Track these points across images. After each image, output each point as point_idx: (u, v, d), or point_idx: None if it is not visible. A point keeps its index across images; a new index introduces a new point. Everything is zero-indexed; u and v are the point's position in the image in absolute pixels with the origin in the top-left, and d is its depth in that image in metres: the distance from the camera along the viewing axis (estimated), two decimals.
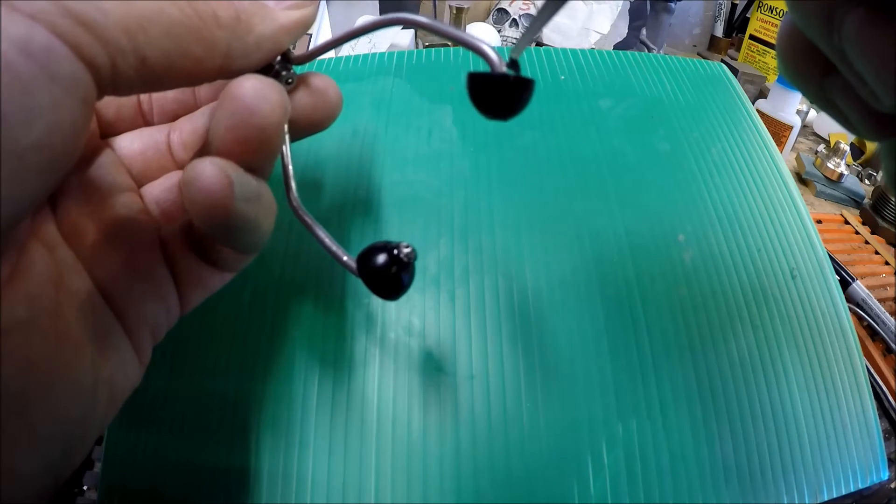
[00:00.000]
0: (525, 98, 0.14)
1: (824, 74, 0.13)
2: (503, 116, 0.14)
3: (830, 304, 0.26)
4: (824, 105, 0.13)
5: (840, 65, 0.12)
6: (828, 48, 0.11)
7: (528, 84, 0.14)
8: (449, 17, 0.63)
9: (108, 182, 0.15)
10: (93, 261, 0.14)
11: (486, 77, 0.13)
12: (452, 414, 0.21)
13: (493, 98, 0.14)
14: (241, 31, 0.13)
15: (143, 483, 0.20)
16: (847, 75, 0.12)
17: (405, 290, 0.15)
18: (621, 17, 0.68)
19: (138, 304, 0.15)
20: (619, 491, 0.20)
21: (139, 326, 0.15)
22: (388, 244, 0.15)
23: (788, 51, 0.13)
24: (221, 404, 0.21)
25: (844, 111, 0.13)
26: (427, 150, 0.27)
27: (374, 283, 0.15)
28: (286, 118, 0.14)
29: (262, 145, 0.13)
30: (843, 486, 0.22)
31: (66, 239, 0.14)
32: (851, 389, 0.24)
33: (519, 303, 0.23)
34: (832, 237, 0.47)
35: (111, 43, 0.11)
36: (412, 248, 0.15)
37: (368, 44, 0.51)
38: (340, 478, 0.20)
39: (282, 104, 0.13)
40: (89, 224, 0.14)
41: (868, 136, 0.13)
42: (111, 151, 0.16)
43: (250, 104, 0.13)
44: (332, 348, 0.22)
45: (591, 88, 0.31)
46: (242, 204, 0.13)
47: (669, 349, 0.23)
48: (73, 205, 0.14)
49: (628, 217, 0.26)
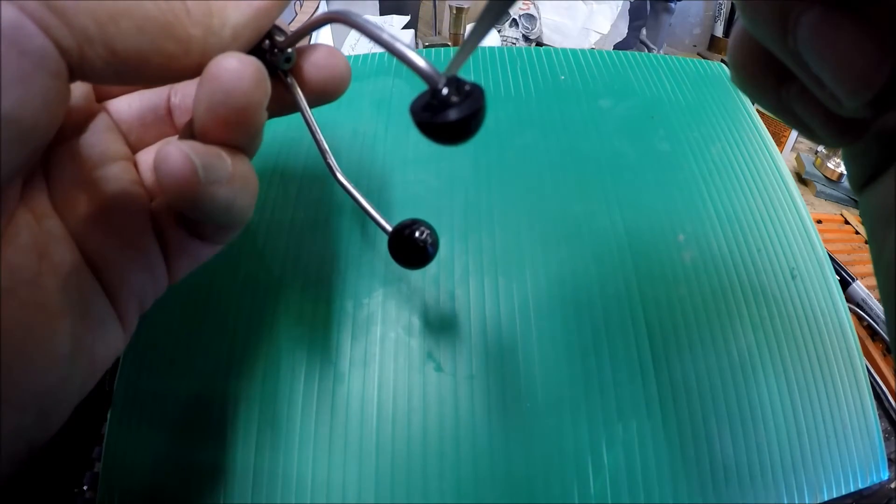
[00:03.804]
0: (475, 122, 0.12)
1: (780, 82, 0.12)
2: (455, 143, 0.12)
3: (830, 304, 0.26)
4: (782, 114, 0.13)
5: (797, 69, 0.11)
6: (783, 52, 0.11)
7: (476, 107, 0.12)
8: (449, 17, 0.63)
9: (100, 150, 0.15)
10: (82, 231, 0.14)
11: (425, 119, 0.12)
12: (452, 413, 0.21)
13: (439, 133, 0.12)
14: (216, 27, 0.13)
15: (143, 483, 0.20)
16: (804, 80, 0.11)
17: (430, 260, 0.18)
18: (621, 17, 0.68)
19: (126, 274, 0.15)
20: (619, 491, 0.20)
21: (126, 297, 0.15)
22: (422, 222, 0.18)
23: (742, 60, 0.13)
24: (220, 404, 0.21)
25: (804, 119, 0.12)
26: (427, 150, 0.27)
27: (405, 250, 0.17)
28: (266, 97, 0.13)
29: (242, 125, 0.13)
30: (843, 486, 0.22)
31: (56, 209, 0.14)
32: (851, 389, 0.24)
33: (519, 303, 0.23)
34: (832, 237, 0.47)
35: (79, 30, 0.11)
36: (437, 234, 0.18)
37: (368, 44, 0.51)
38: (340, 477, 0.20)
39: (261, 84, 0.13)
40: (80, 195, 0.14)
41: (830, 143, 0.13)
42: (106, 116, 0.16)
43: (228, 85, 0.12)
44: (333, 348, 0.22)
45: (591, 88, 0.31)
46: (211, 187, 0.13)
47: (669, 349, 0.23)
48: (66, 174, 0.14)
49: (628, 217, 0.26)
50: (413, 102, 0.12)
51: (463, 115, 0.11)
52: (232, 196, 0.14)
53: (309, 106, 0.17)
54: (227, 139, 0.13)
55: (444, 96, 0.11)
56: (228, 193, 0.13)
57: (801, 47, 0.10)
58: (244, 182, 0.14)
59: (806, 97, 0.12)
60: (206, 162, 0.13)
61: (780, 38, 0.11)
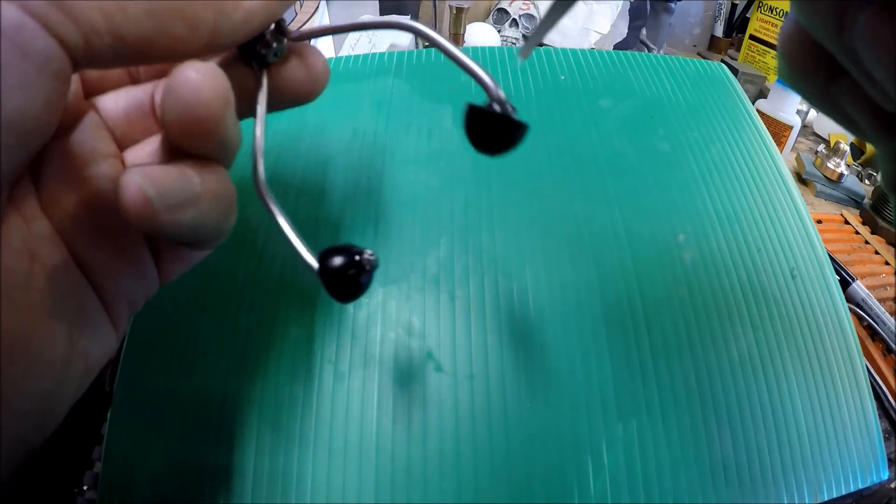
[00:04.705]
0: (518, 137, 0.14)
1: (830, 77, 0.12)
2: (495, 152, 0.14)
3: (830, 304, 0.26)
4: (830, 109, 0.13)
5: (850, 65, 0.11)
6: (837, 48, 0.11)
7: (523, 126, 0.14)
8: (449, 18, 0.63)
9: (88, 149, 0.15)
10: (71, 233, 0.14)
11: (485, 112, 0.14)
12: (452, 414, 0.21)
13: (490, 133, 0.14)
14: (229, 9, 0.13)
15: (143, 483, 0.20)
16: (857, 76, 0.11)
17: (361, 293, 0.15)
18: (621, 17, 0.68)
19: (115, 275, 0.14)
20: (619, 491, 0.20)
21: (116, 298, 0.15)
22: (353, 248, 0.15)
23: (793, 53, 0.13)
24: (221, 404, 0.21)
25: (852, 115, 0.12)
26: (427, 150, 0.27)
27: (331, 283, 0.15)
28: (229, 108, 0.13)
29: (206, 135, 0.13)
30: (843, 486, 0.22)
31: (45, 210, 0.13)
32: (851, 389, 0.24)
33: (519, 303, 0.23)
34: (832, 237, 0.47)
35: (85, 22, 0.10)
36: (375, 256, 0.15)
37: (368, 44, 0.51)
38: (340, 477, 0.20)
39: (223, 95, 0.13)
40: (69, 196, 0.14)
41: (876, 140, 0.13)
42: (94, 114, 0.15)
43: (189, 97, 0.12)
44: (333, 348, 0.22)
45: (591, 88, 0.31)
46: (172, 214, 0.12)
47: (669, 349, 0.23)
48: (54, 174, 0.14)
49: (628, 217, 0.26)
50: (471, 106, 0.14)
51: (520, 121, 0.14)
52: (199, 217, 0.13)
53: (282, 106, 0.16)
54: (194, 149, 0.13)
55: (505, 103, 0.14)
56: (194, 215, 0.13)
57: (857, 44, 0.10)
58: (214, 199, 0.14)
59: (855, 94, 0.12)
60: (164, 190, 0.12)
61: (835, 35, 0.11)
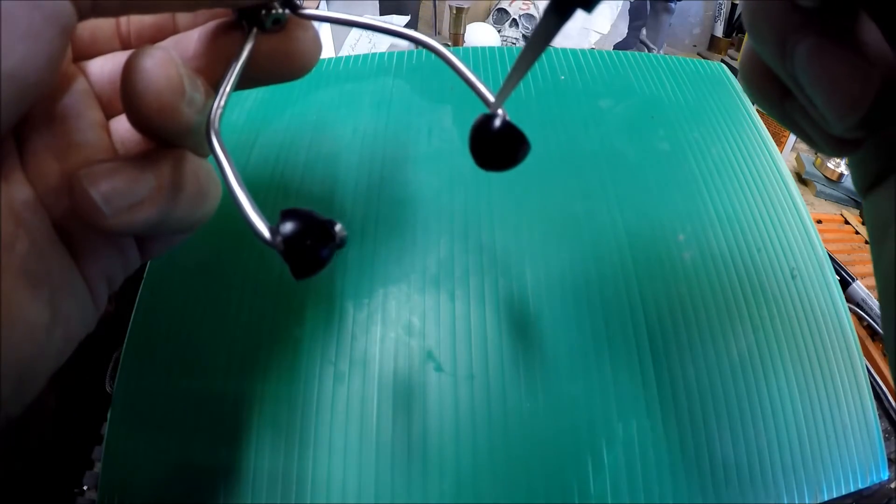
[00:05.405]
0: (522, 155, 0.14)
1: (784, 96, 0.13)
2: (498, 168, 0.15)
3: (830, 304, 0.26)
4: (788, 124, 0.14)
5: (794, 89, 0.12)
6: (782, 73, 0.12)
7: (526, 144, 0.14)
8: (449, 17, 0.63)
9: (75, 115, 0.14)
10: (52, 200, 0.13)
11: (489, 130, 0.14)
12: (452, 414, 0.21)
13: (493, 150, 0.14)
14: None
15: (143, 483, 0.20)
16: (801, 99, 0.12)
17: (320, 268, 0.13)
18: (621, 17, 0.68)
19: (95, 247, 0.14)
20: (619, 491, 0.20)
21: (95, 271, 0.14)
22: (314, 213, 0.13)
23: (750, 74, 0.14)
24: (221, 404, 0.21)
25: (806, 130, 0.13)
26: (427, 150, 0.27)
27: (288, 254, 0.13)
28: (182, 98, 0.13)
29: (161, 124, 0.13)
30: (843, 486, 0.22)
31: (28, 176, 0.13)
32: (851, 389, 0.24)
33: (519, 303, 0.23)
34: (832, 237, 0.47)
35: None
36: (341, 226, 0.13)
37: (369, 44, 0.51)
38: (340, 477, 0.20)
39: (176, 85, 0.12)
40: (53, 163, 0.13)
41: (831, 154, 0.14)
42: (83, 79, 0.15)
43: (140, 86, 0.12)
44: (332, 348, 0.22)
45: (591, 88, 0.31)
46: (123, 215, 0.12)
47: (669, 349, 0.23)
48: (39, 139, 0.13)
49: (628, 217, 0.26)
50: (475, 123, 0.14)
51: (523, 136, 0.14)
52: (156, 215, 0.13)
53: (265, 81, 0.16)
54: (153, 138, 0.13)
55: (509, 122, 0.14)
56: (150, 212, 0.13)
57: (797, 71, 0.11)
58: (175, 192, 0.13)
59: (805, 112, 0.13)
60: (112, 195, 0.12)
61: (780, 61, 0.12)
